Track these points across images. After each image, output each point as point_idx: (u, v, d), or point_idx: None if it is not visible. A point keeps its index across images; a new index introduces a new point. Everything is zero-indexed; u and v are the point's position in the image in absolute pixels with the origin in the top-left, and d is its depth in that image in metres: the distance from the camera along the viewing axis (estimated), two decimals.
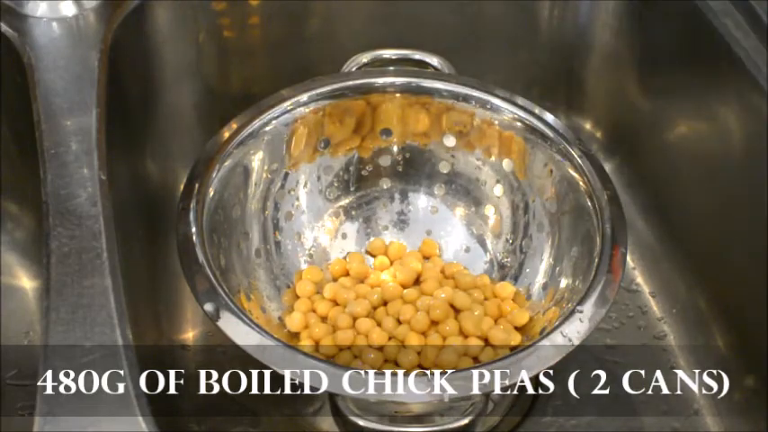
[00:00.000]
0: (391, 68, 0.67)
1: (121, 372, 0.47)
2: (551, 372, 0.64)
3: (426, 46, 0.69)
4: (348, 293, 0.64)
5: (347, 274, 0.67)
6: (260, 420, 0.64)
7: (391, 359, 0.61)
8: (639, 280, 0.74)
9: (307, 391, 0.54)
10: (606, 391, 0.66)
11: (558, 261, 0.63)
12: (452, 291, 0.64)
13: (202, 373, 0.65)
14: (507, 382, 0.50)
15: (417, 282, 0.66)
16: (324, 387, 0.49)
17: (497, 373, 0.50)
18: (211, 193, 0.59)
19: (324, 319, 0.63)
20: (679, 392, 0.67)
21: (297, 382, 0.50)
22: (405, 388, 0.49)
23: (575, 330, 0.52)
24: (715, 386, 0.67)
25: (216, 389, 0.64)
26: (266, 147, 0.64)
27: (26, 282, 0.72)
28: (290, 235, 0.68)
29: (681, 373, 0.68)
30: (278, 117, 0.64)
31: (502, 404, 0.64)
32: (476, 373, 0.50)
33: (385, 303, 0.64)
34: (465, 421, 0.50)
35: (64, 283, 0.51)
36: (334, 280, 0.67)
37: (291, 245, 0.68)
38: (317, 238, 0.69)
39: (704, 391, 0.67)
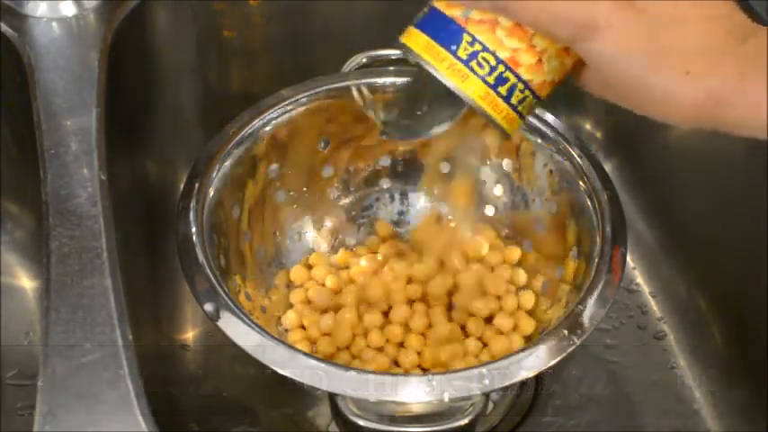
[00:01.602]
0: (391, 68, 0.67)
1: (121, 372, 0.47)
2: (551, 372, 0.64)
3: None
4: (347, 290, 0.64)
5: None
6: (260, 420, 0.64)
7: (391, 359, 0.61)
8: (639, 280, 0.74)
9: (307, 391, 0.54)
10: (606, 391, 0.66)
11: (559, 261, 0.63)
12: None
13: (202, 373, 0.65)
14: (507, 383, 0.50)
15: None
16: (324, 387, 0.49)
17: (497, 373, 0.50)
18: (211, 193, 0.59)
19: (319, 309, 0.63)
20: (679, 392, 0.67)
21: (297, 382, 0.50)
22: (405, 388, 0.49)
23: (575, 330, 0.52)
24: (715, 386, 0.67)
25: (216, 389, 0.64)
26: (266, 147, 0.64)
27: (26, 282, 0.72)
28: (290, 235, 0.68)
29: (681, 373, 0.68)
30: (278, 117, 0.64)
31: (502, 404, 0.64)
32: (476, 372, 0.50)
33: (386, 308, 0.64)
34: (465, 421, 0.50)
35: (64, 283, 0.51)
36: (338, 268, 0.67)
37: (291, 245, 0.68)
38: (317, 239, 0.69)
39: (704, 391, 0.67)
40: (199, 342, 0.69)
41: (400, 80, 0.66)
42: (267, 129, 0.63)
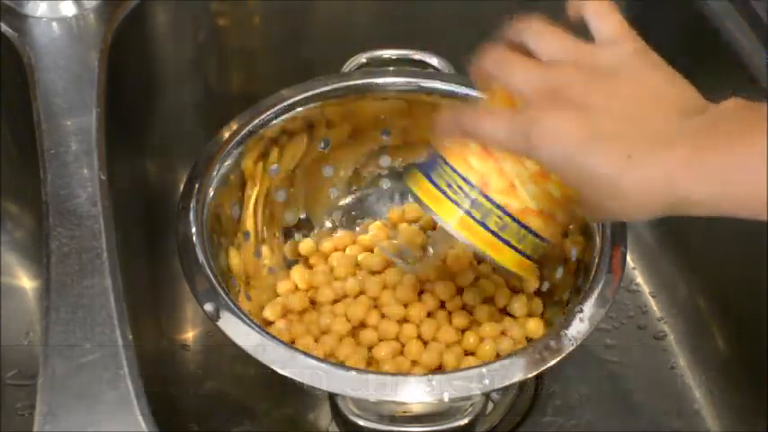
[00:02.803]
0: (391, 68, 0.67)
1: (121, 372, 0.47)
2: (551, 372, 0.64)
3: (426, 46, 0.69)
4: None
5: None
6: (260, 420, 0.64)
7: (391, 359, 0.61)
8: (639, 280, 0.74)
9: (307, 391, 0.54)
10: (606, 391, 0.66)
11: (559, 261, 0.63)
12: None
13: (202, 373, 0.65)
14: (507, 383, 0.50)
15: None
16: (324, 387, 0.49)
17: (497, 373, 0.50)
18: (211, 193, 0.59)
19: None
20: (679, 392, 0.67)
21: (297, 381, 0.50)
22: (405, 388, 0.49)
23: (575, 330, 0.52)
24: (715, 386, 0.67)
25: (216, 389, 0.64)
26: (266, 147, 0.64)
27: (26, 282, 0.72)
28: (290, 235, 0.68)
29: (681, 373, 0.68)
30: (278, 117, 0.64)
31: (502, 404, 0.64)
32: (476, 372, 0.50)
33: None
34: (465, 421, 0.50)
35: (64, 283, 0.51)
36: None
37: (291, 245, 0.68)
38: (318, 238, 0.69)
39: (704, 391, 0.67)
40: (199, 342, 0.69)
41: (400, 80, 0.66)
42: (267, 129, 0.63)
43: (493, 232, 0.46)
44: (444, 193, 0.47)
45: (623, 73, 0.43)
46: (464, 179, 0.46)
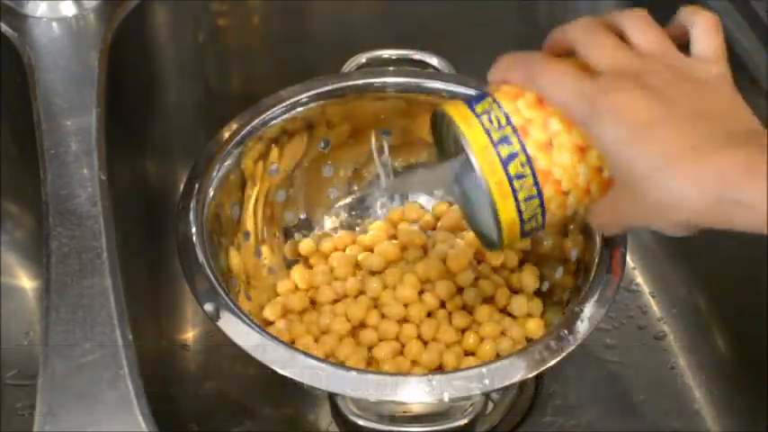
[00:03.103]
0: (391, 68, 0.67)
1: (121, 372, 0.47)
2: (551, 372, 0.64)
3: (426, 46, 0.69)
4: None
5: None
6: (260, 420, 0.64)
7: (391, 359, 0.61)
8: (639, 280, 0.74)
9: (307, 391, 0.54)
10: (606, 391, 0.66)
11: (559, 261, 0.63)
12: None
13: (202, 373, 0.65)
14: (507, 383, 0.50)
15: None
16: (324, 387, 0.49)
17: (497, 373, 0.50)
18: (211, 193, 0.59)
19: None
20: (679, 392, 0.67)
21: (297, 382, 0.50)
22: (405, 388, 0.49)
23: (575, 330, 0.52)
24: (715, 386, 0.67)
25: (216, 389, 0.64)
26: (266, 146, 0.64)
27: (26, 282, 0.72)
28: (290, 235, 0.68)
29: (681, 373, 0.68)
30: (278, 117, 0.64)
31: (502, 404, 0.64)
32: (476, 372, 0.50)
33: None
34: (465, 421, 0.50)
35: (64, 283, 0.51)
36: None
37: (291, 245, 0.68)
38: (318, 238, 0.69)
39: (704, 391, 0.67)
40: (199, 342, 0.69)
41: (400, 80, 0.66)
42: (267, 129, 0.63)
43: (509, 175, 0.46)
44: (479, 118, 0.46)
45: (705, 87, 0.44)
46: (505, 115, 0.46)
